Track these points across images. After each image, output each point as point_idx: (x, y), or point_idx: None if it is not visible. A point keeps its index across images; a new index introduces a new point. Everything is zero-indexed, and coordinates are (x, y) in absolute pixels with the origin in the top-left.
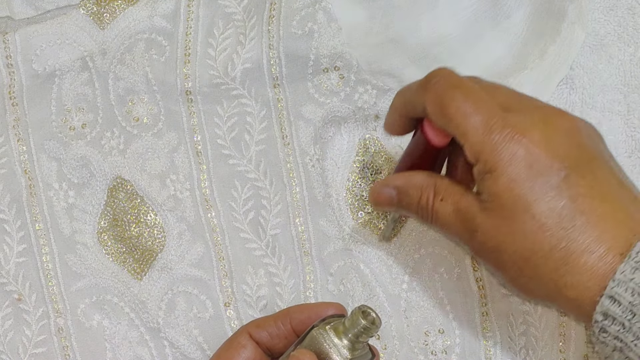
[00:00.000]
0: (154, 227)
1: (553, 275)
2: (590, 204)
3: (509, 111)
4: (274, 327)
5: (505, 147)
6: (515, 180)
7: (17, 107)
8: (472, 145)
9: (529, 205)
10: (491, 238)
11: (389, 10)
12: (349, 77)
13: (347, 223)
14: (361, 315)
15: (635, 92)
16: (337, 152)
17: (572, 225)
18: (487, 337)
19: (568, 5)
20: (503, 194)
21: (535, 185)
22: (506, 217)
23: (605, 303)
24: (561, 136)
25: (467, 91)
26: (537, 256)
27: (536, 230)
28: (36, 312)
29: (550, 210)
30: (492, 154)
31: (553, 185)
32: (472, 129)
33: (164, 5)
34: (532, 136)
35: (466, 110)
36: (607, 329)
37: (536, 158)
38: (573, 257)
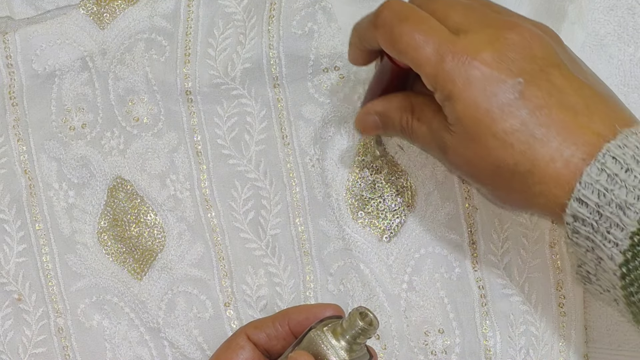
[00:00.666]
0: (154, 227)
1: (522, 187)
2: (549, 114)
3: (459, 33)
4: (272, 329)
5: (458, 73)
6: (472, 104)
7: (17, 107)
8: (427, 76)
9: (489, 125)
10: (460, 156)
11: None
12: (349, 77)
13: (347, 223)
14: (359, 317)
15: (635, 92)
16: (337, 152)
17: (533, 138)
18: (487, 337)
19: (568, 5)
20: (464, 118)
21: (492, 106)
22: (470, 138)
23: (573, 205)
24: (512, 51)
25: (416, 22)
26: (504, 171)
27: (499, 147)
28: (36, 312)
29: (510, 127)
30: (446, 81)
31: (510, 102)
32: (424, 60)
33: (164, 5)
34: (483, 57)
35: (416, 42)
36: (579, 229)
37: (489, 78)
38: (538, 169)
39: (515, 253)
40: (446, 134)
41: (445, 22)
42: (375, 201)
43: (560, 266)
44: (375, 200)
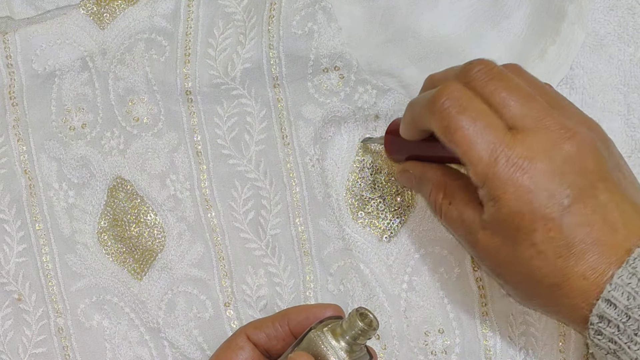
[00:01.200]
0: (154, 227)
1: (549, 296)
2: (590, 232)
3: (516, 132)
4: (272, 329)
5: (510, 179)
6: (518, 212)
7: (17, 107)
8: (477, 174)
9: (529, 235)
10: (490, 255)
11: (389, 10)
12: (349, 77)
13: (347, 223)
14: (359, 318)
15: (635, 92)
16: (337, 152)
17: (569, 253)
18: (487, 337)
19: (568, 5)
20: (505, 222)
21: (537, 217)
22: (506, 242)
23: (601, 306)
24: (567, 163)
25: (474, 117)
26: (533, 280)
27: (534, 257)
28: (36, 312)
29: (549, 240)
30: (495, 184)
31: (555, 216)
32: (477, 160)
33: (164, 5)
34: (537, 167)
35: (471, 139)
36: (603, 331)
37: (539, 189)
38: (567, 283)
39: None
40: (480, 230)
41: (502, 113)
42: (375, 201)
43: None
44: (375, 200)
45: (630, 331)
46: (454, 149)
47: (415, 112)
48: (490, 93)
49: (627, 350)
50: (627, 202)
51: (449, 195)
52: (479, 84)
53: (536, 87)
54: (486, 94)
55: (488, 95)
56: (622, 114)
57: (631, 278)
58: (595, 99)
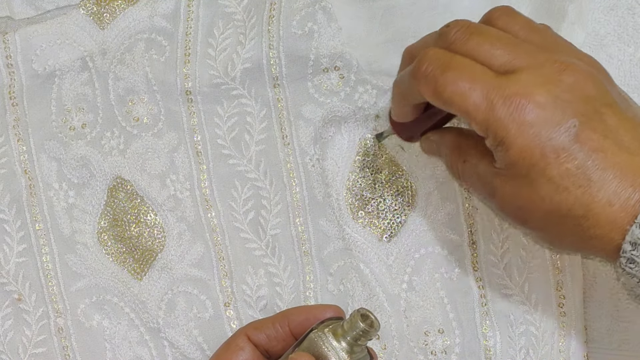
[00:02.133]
0: (154, 227)
1: (576, 231)
2: (605, 157)
3: (508, 74)
4: (272, 329)
5: (511, 118)
6: (527, 149)
7: (17, 107)
8: (478, 124)
9: (543, 170)
10: (511, 202)
11: (389, 10)
12: (349, 77)
13: (347, 223)
14: (360, 318)
15: (635, 92)
16: (337, 152)
17: (589, 181)
18: (487, 337)
19: (568, 5)
20: (516, 163)
21: (547, 150)
22: (523, 184)
23: (635, 232)
24: (566, 92)
25: (459, 69)
26: (557, 216)
27: (553, 192)
28: (36, 312)
29: (565, 171)
30: (499, 128)
31: (565, 145)
32: (473, 108)
33: (164, 5)
34: (537, 99)
35: (462, 90)
36: (636, 258)
37: (544, 122)
38: (593, 213)
39: (515, 253)
40: (495, 179)
41: (490, 64)
42: (375, 201)
43: (560, 266)
44: (375, 200)
45: None
46: (449, 108)
47: (402, 88)
48: (472, 49)
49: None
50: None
51: (463, 153)
52: (460, 43)
53: (530, 29)
54: (469, 50)
55: (471, 52)
56: None
57: None
58: None
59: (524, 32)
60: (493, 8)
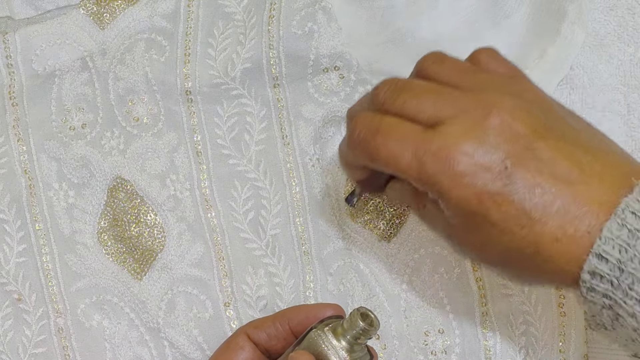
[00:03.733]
0: (154, 227)
1: (533, 266)
2: (542, 193)
3: (435, 127)
4: (272, 328)
5: (442, 172)
6: (463, 199)
7: (17, 107)
8: (414, 181)
9: (484, 217)
10: (465, 245)
11: (389, 10)
12: (349, 77)
13: (347, 223)
14: (360, 317)
15: (635, 92)
16: (337, 152)
17: (531, 221)
18: (487, 337)
19: (568, 5)
20: (459, 214)
21: (483, 197)
22: (470, 230)
23: (592, 261)
24: (493, 135)
25: (388, 132)
26: (509, 257)
27: (499, 236)
28: (36, 312)
29: (505, 214)
30: (433, 183)
31: (499, 189)
32: (407, 168)
33: (164, 5)
34: (464, 149)
35: (394, 152)
36: (596, 287)
37: (474, 170)
38: (543, 250)
39: None
40: (447, 226)
41: (418, 119)
42: (375, 201)
43: None
44: (375, 200)
45: (624, 286)
46: (386, 169)
47: (344, 156)
48: (401, 107)
49: (622, 305)
50: (579, 153)
51: (421, 199)
52: (389, 103)
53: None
54: (398, 109)
55: (400, 110)
56: (622, 114)
57: (621, 230)
58: (595, 99)
59: (453, 77)
60: (422, 57)
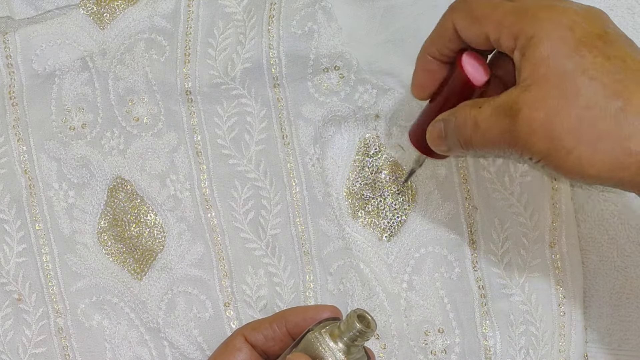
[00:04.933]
0: (154, 227)
1: (614, 130)
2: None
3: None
4: (270, 330)
5: (542, 16)
6: (560, 41)
7: (17, 107)
8: (509, 27)
9: (578, 62)
10: (539, 109)
11: (389, 10)
12: (349, 76)
13: (347, 222)
14: (357, 319)
15: None
16: (337, 152)
17: (624, 76)
18: (487, 337)
19: None
20: (548, 58)
21: (580, 45)
22: (555, 81)
23: None
24: (594, 14)
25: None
26: (593, 112)
27: (588, 85)
28: (36, 312)
29: (600, 65)
30: (530, 24)
31: (597, 45)
32: (504, 15)
33: (164, 5)
34: (567, 7)
35: (494, 3)
36: None
37: (576, 23)
38: (633, 107)
39: (515, 253)
40: (520, 95)
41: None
42: (375, 200)
43: (560, 266)
44: (375, 199)
45: None
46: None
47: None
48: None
49: None
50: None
51: (478, 103)
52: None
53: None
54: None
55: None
56: None
57: None
58: None
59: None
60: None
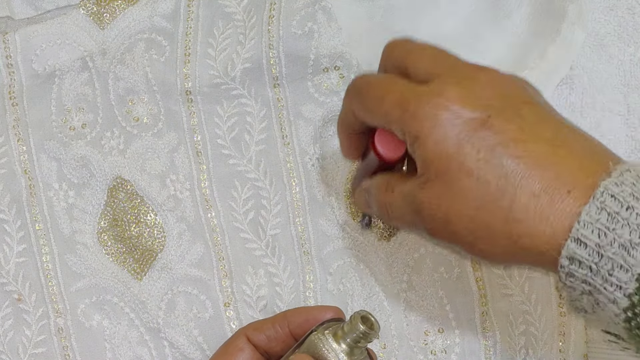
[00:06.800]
0: (154, 227)
1: (504, 228)
2: (525, 147)
3: (427, 81)
4: (272, 330)
5: (423, 113)
6: (441, 141)
7: (17, 107)
8: (395, 122)
9: (461, 162)
10: (435, 210)
11: (389, 10)
12: (349, 76)
13: (347, 222)
14: (360, 321)
15: (635, 92)
16: (337, 152)
17: (510, 171)
18: (487, 337)
19: (568, 6)
20: (434, 158)
21: (462, 141)
22: (442, 182)
23: (570, 246)
24: (481, 88)
25: (381, 79)
26: (483, 212)
27: (475, 186)
28: (36, 312)
29: (484, 162)
30: (413, 122)
31: (480, 136)
32: (390, 108)
33: (164, 5)
34: (449, 95)
35: (381, 94)
36: (575, 273)
37: (456, 114)
38: (519, 204)
39: None
40: (419, 193)
41: (415, 75)
42: None
43: None
44: None
45: (604, 271)
46: (372, 115)
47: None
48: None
49: (602, 291)
50: (564, 127)
51: (390, 186)
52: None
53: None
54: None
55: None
56: (622, 114)
57: (600, 213)
58: (595, 99)
59: None
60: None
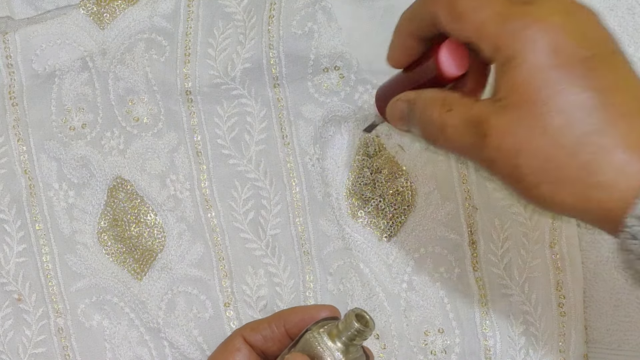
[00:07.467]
0: (154, 227)
1: (581, 174)
2: (621, 97)
3: (528, 3)
4: (268, 330)
5: (525, 33)
6: (538, 67)
7: (17, 107)
8: (489, 36)
9: (553, 96)
10: (507, 138)
11: (389, 10)
12: (349, 76)
13: (347, 222)
14: (355, 319)
15: None
16: (337, 152)
17: (601, 118)
18: (487, 337)
19: None
20: (524, 84)
21: (560, 74)
22: (526, 111)
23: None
24: (585, 24)
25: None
26: (561, 153)
27: (561, 124)
28: (36, 312)
29: (576, 102)
30: (512, 41)
31: (579, 74)
32: (487, 19)
33: (164, 5)
34: (554, 21)
35: (479, 4)
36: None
37: (560, 44)
38: (603, 153)
39: (515, 253)
40: (491, 114)
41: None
42: (375, 200)
43: (560, 266)
44: (375, 199)
45: None
46: (461, 22)
47: (414, 10)
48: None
49: None
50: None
51: (447, 103)
52: None
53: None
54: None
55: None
56: None
57: None
58: None
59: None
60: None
